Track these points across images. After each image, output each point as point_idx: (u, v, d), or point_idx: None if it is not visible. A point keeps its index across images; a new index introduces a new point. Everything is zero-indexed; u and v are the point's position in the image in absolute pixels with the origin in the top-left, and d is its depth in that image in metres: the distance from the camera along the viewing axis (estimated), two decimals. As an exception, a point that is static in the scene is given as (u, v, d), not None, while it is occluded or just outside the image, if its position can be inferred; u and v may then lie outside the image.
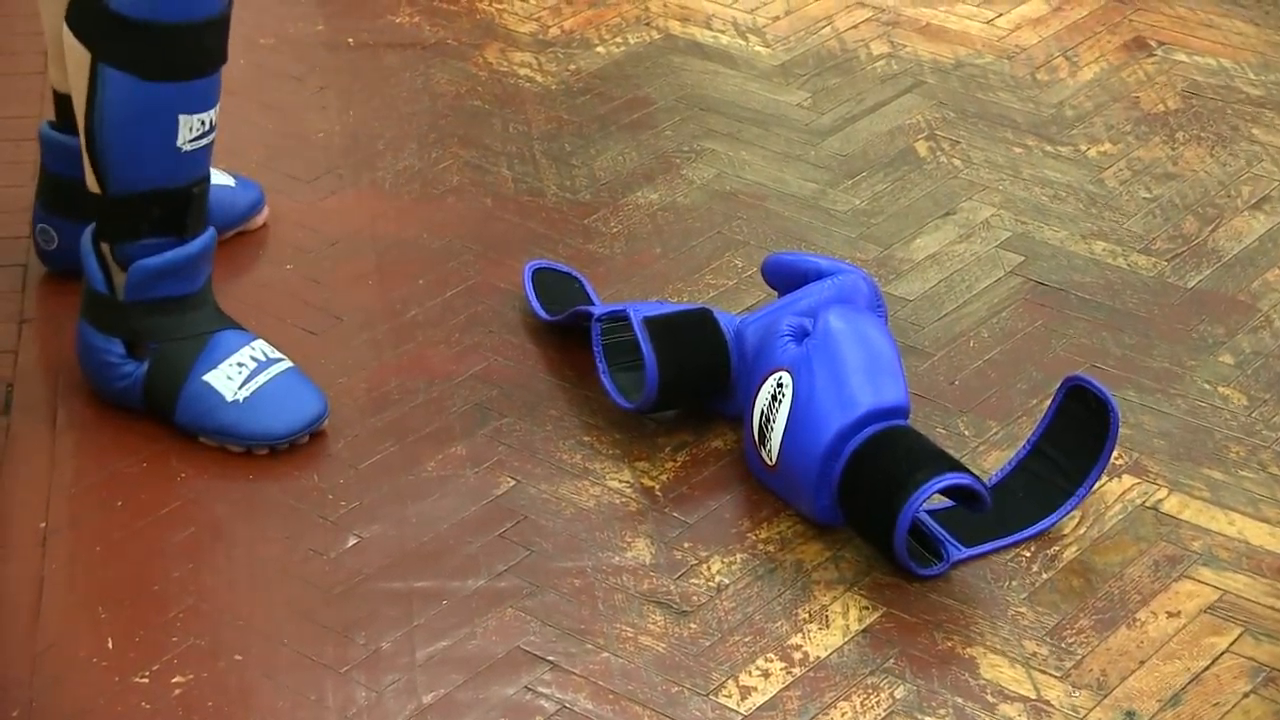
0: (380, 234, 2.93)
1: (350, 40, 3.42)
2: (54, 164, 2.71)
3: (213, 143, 2.48)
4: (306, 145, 3.14)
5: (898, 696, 2.22)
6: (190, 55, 2.41)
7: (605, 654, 2.25)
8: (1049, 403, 2.52)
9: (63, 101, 2.68)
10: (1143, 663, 2.27)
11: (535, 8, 3.53)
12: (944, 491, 2.36)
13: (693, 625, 2.30)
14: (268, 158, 3.09)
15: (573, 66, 3.37)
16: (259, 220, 2.93)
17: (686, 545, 2.41)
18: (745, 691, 2.22)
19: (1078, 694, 2.22)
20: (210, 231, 2.51)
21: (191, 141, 2.44)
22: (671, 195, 3.06)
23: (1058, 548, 2.42)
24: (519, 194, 3.04)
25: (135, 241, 2.47)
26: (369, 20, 3.47)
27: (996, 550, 2.41)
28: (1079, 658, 2.27)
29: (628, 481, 2.50)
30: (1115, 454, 2.52)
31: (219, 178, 2.87)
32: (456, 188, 3.05)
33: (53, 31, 2.60)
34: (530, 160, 3.12)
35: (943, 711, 2.20)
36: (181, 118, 2.42)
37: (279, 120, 3.20)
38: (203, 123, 2.44)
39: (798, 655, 2.26)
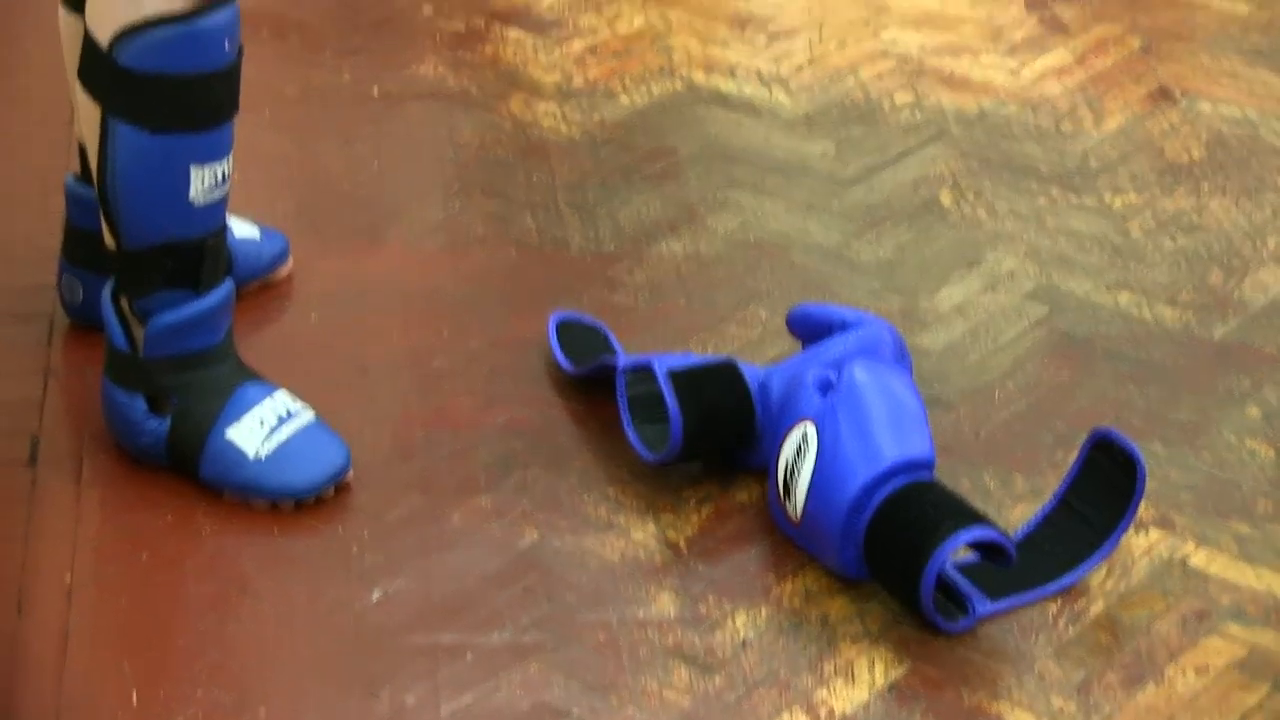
0: (405, 285, 2.94)
1: (375, 90, 3.42)
2: (78, 217, 2.71)
3: (227, 195, 2.48)
4: (332, 195, 3.14)
5: (924, 753, 2.21)
6: (199, 107, 2.41)
7: (630, 708, 2.24)
8: (1075, 456, 2.51)
9: (86, 155, 2.68)
10: (1171, 719, 2.25)
11: (559, 58, 3.53)
12: (970, 545, 2.35)
13: (718, 680, 2.29)
14: (293, 208, 3.10)
15: (597, 117, 3.37)
16: (284, 271, 2.93)
17: (711, 599, 2.40)
18: (771, 747, 2.21)
19: (1105, 751, 2.21)
20: (228, 284, 2.51)
21: (205, 194, 2.43)
22: (695, 246, 3.06)
23: (1084, 602, 2.41)
24: (543, 245, 3.04)
25: (151, 295, 2.47)
26: (394, 70, 3.48)
27: (1023, 605, 2.40)
28: (1106, 714, 2.26)
29: (652, 534, 2.49)
30: (1142, 507, 2.51)
31: (243, 229, 2.87)
32: (481, 238, 3.05)
33: (74, 81, 2.61)
34: (554, 211, 3.12)
35: (970, 768, 2.19)
36: (193, 169, 2.42)
37: (304, 170, 3.20)
38: (215, 174, 2.44)
39: (824, 710, 2.25)
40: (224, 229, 2.50)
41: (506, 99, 3.41)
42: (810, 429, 2.43)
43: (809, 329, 2.66)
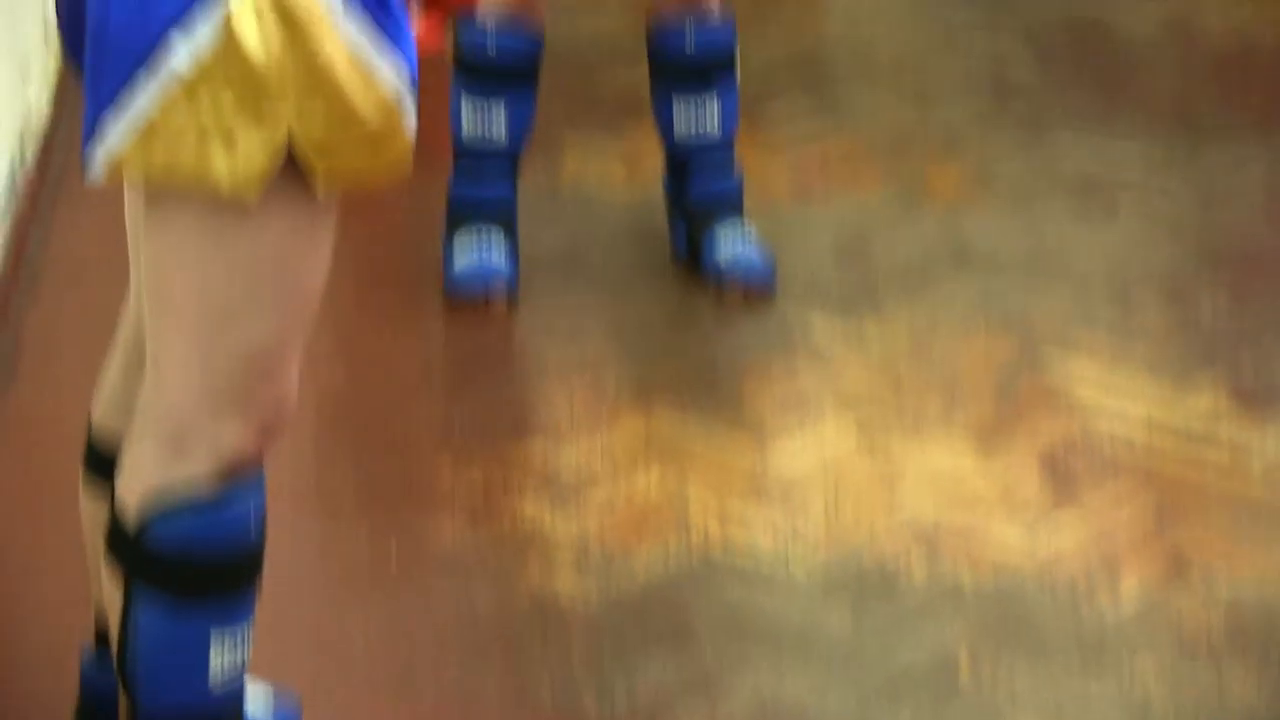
0: (418, 757, 2.91)
1: (393, 553, 3.43)
2: (92, 687, 2.70)
3: (245, 671, 2.47)
4: (346, 665, 3.13)
5: None
6: (224, 580, 2.44)
7: None
8: None
9: (104, 625, 2.68)
10: None
11: (576, 521, 3.53)
12: None
13: None
14: (307, 676, 3.07)
15: (613, 584, 3.36)
16: (296, 743, 2.91)
17: None
18: None
19: None
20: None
21: (224, 675, 2.43)
22: (712, 716, 3.03)
23: None
24: (558, 716, 3.01)
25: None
26: (411, 533, 3.47)
27: None
28: None
29: None
30: None
31: (256, 703, 2.85)
32: (496, 708, 3.03)
33: (94, 550, 2.62)
34: (570, 682, 3.10)
35: None
36: (213, 633, 2.42)
37: (319, 638, 3.19)
38: (234, 644, 2.44)
39: None
40: (242, 708, 2.49)
41: (523, 563, 3.41)
42: None
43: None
